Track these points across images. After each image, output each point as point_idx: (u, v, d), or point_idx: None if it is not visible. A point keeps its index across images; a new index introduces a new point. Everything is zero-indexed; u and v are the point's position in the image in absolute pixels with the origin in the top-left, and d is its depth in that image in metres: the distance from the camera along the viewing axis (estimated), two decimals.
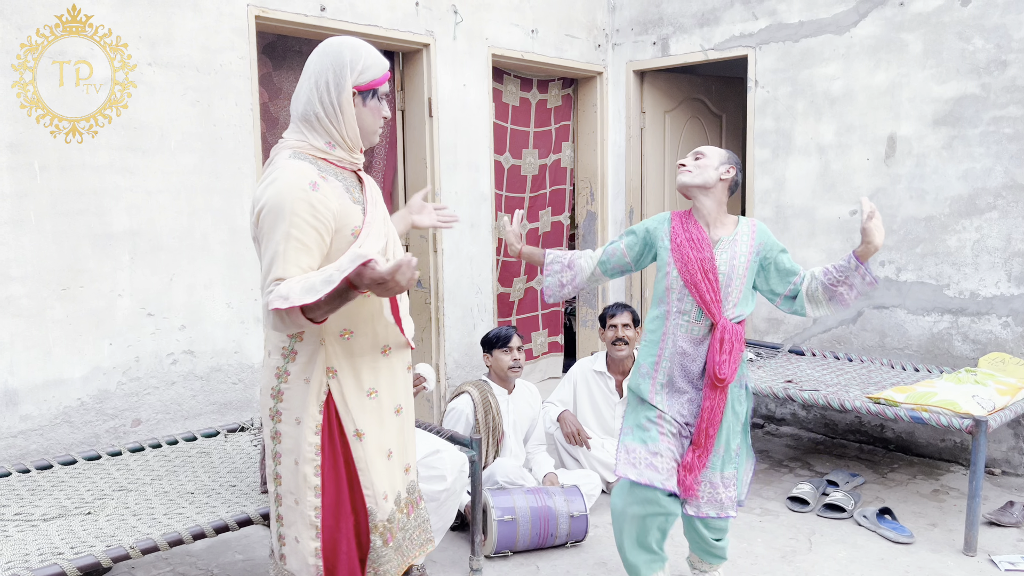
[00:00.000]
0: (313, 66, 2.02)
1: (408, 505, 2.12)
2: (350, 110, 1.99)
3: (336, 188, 1.97)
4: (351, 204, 1.98)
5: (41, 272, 3.15)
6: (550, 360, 5.93)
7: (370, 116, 2.04)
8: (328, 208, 1.91)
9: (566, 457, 4.01)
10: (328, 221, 1.91)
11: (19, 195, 3.08)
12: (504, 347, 3.71)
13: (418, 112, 4.57)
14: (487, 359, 3.77)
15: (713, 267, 2.66)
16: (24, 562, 2.18)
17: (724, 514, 2.80)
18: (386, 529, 2.02)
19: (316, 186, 1.91)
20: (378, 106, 2.06)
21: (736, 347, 2.66)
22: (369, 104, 2.03)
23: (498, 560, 3.31)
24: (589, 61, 5.44)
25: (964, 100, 4.20)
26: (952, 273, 4.29)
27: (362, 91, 2.00)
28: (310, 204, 1.88)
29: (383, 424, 2.04)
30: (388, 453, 2.05)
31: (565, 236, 5.88)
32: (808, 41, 4.70)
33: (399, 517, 2.08)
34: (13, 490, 2.72)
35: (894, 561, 3.27)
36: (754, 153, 4.98)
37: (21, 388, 3.13)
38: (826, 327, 4.77)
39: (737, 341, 2.66)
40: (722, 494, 2.77)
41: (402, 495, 2.10)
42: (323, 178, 1.95)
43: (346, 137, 2.01)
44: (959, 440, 4.36)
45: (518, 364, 3.73)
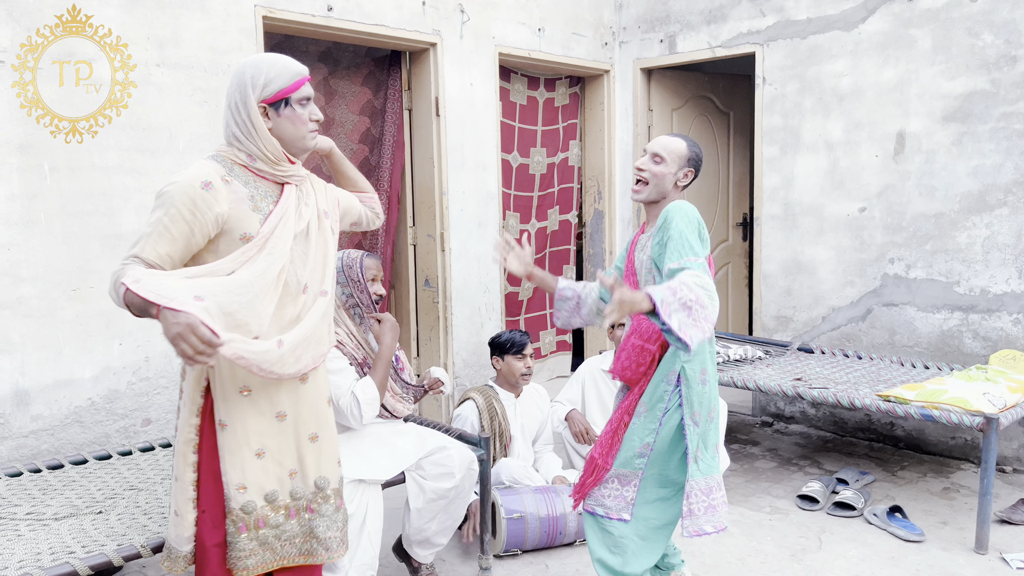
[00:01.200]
0: (227, 90, 2.10)
1: (291, 509, 2.16)
2: (261, 125, 2.05)
3: (237, 193, 2.03)
4: (249, 212, 2.04)
5: (51, 273, 3.17)
6: (558, 359, 5.93)
7: (288, 125, 2.08)
8: (211, 209, 1.98)
9: (575, 456, 4.01)
10: (205, 220, 1.98)
11: (29, 196, 3.10)
12: (518, 354, 3.69)
13: (425, 111, 4.57)
14: (496, 362, 3.76)
15: (632, 267, 2.58)
16: (36, 561, 2.19)
17: (610, 515, 2.53)
18: (240, 519, 2.08)
19: (209, 186, 1.99)
20: (295, 113, 2.08)
21: (639, 349, 2.45)
22: (283, 113, 2.07)
23: (507, 559, 3.31)
24: (596, 59, 5.44)
25: (974, 96, 4.18)
26: (962, 270, 4.27)
27: (271, 103, 2.06)
28: (192, 200, 1.97)
29: (253, 421, 2.09)
30: (258, 452, 2.10)
31: (573, 234, 5.87)
32: (816, 38, 4.68)
33: (269, 515, 2.12)
34: (25, 489, 2.74)
35: (905, 559, 3.26)
36: (762, 150, 4.97)
37: (32, 388, 3.15)
38: (835, 325, 4.75)
39: (643, 341, 2.44)
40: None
41: (279, 496, 2.14)
42: (226, 181, 2.02)
43: (265, 151, 2.06)
44: (970, 438, 4.33)
45: (530, 371, 3.72)
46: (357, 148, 4.59)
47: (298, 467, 2.18)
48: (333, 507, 2.23)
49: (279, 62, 2.09)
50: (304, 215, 2.14)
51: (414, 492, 2.86)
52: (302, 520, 2.18)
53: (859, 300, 4.65)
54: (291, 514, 2.16)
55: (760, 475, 4.20)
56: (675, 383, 2.42)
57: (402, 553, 3.12)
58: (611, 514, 2.51)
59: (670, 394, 2.42)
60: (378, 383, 2.78)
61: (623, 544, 2.51)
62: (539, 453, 3.89)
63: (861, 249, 4.61)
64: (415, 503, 2.86)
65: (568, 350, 6.02)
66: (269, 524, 2.12)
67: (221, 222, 2.01)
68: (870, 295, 4.61)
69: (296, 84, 2.08)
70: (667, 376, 2.42)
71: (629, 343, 2.51)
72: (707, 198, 5.94)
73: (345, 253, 2.93)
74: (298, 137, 2.11)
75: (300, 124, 2.10)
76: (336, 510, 2.24)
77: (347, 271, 2.88)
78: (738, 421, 5.10)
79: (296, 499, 2.17)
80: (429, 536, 2.95)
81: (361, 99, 4.56)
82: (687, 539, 3.36)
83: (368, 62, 4.60)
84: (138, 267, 1.93)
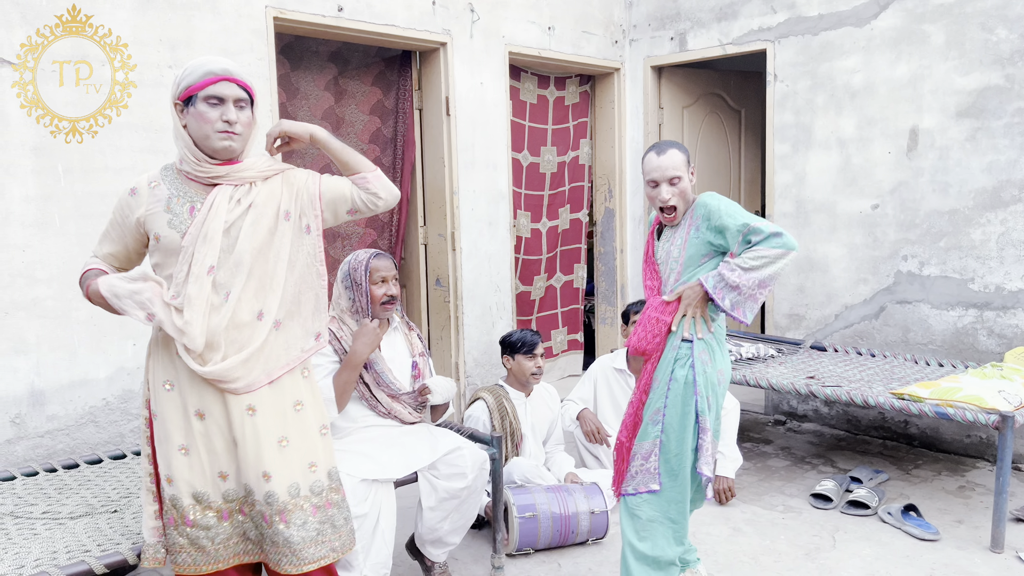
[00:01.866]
0: None
1: (222, 511, 2.12)
2: (177, 124, 2.11)
3: (158, 196, 2.12)
4: (161, 212, 2.10)
5: (66, 274, 3.19)
6: (570, 358, 5.93)
7: (194, 123, 2.07)
8: (133, 213, 2.13)
9: (586, 456, 4.00)
10: (126, 222, 2.15)
11: (43, 198, 3.12)
12: (529, 354, 3.69)
13: (435, 111, 4.58)
14: (507, 361, 3.76)
15: (651, 257, 2.71)
16: (52, 559, 2.21)
17: (639, 489, 2.60)
18: (168, 510, 2.10)
19: (135, 192, 2.14)
20: (200, 111, 2.06)
21: (654, 320, 2.60)
22: (191, 111, 2.08)
23: (520, 558, 3.31)
24: (606, 57, 5.43)
25: (988, 91, 4.14)
26: (977, 267, 4.24)
27: (183, 100, 2.09)
28: (119, 205, 2.17)
29: (173, 415, 2.11)
30: (181, 447, 2.10)
31: (584, 233, 5.87)
32: (828, 34, 4.66)
33: (198, 516, 2.09)
34: (41, 489, 2.76)
35: (919, 558, 3.24)
36: (774, 148, 4.95)
37: (48, 388, 3.17)
38: (848, 322, 4.73)
39: (658, 312, 2.60)
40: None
41: (210, 498, 2.10)
42: (153, 185, 2.13)
43: (186, 150, 2.11)
44: (985, 436, 4.30)
45: (540, 371, 3.72)
46: (367, 148, 4.60)
47: (230, 469, 2.11)
48: (305, 512, 2.12)
49: (199, 60, 2.10)
50: (233, 213, 2.10)
51: (426, 492, 2.86)
52: (236, 523, 2.13)
53: (872, 298, 4.63)
54: (223, 516, 2.11)
55: (773, 473, 4.19)
56: (681, 346, 2.58)
57: (415, 551, 3.13)
58: (640, 488, 2.59)
59: (679, 356, 2.57)
60: (338, 386, 2.78)
61: (651, 528, 2.57)
62: (550, 452, 3.89)
63: (874, 246, 4.59)
64: (427, 502, 2.87)
65: (580, 349, 6.01)
66: (198, 524, 2.09)
67: (141, 225, 2.13)
68: (883, 292, 4.58)
69: (205, 82, 2.06)
70: (673, 344, 2.59)
71: (646, 316, 2.65)
72: None
73: (355, 254, 2.93)
74: (203, 136, 2.07)
75: (204, 123, 2.06)
76: (310, 514, 2.14)
77: (352, 273, 2.88)
78: (751, 420, 5.08)
79: (229, 502, 2.12)
80: (442, 535, 2.95)
81: (371, 99, 4.57)
82: (700, 536, 3.37)
83: (378, 62, 4.61)
84: (92, 266, 2.18)
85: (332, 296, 2.96)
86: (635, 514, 2.60)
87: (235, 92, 2.09)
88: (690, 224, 2.59)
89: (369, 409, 2.91)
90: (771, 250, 2.43)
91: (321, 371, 2.77)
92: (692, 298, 2.54)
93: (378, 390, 2.90)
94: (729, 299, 2.46)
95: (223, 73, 2.07)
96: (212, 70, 2.07)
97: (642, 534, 2.58)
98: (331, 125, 4.44)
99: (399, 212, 4.66)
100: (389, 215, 4.65)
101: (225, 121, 2.06)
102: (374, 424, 2.92)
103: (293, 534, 2.09)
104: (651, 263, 2.72)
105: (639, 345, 2.63)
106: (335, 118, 4.46)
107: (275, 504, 2.08)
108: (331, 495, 2.20)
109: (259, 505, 2.10)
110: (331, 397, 2.76)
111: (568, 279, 5.84)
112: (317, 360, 2.75)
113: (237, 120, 2.08)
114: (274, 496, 2.08)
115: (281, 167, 2.23)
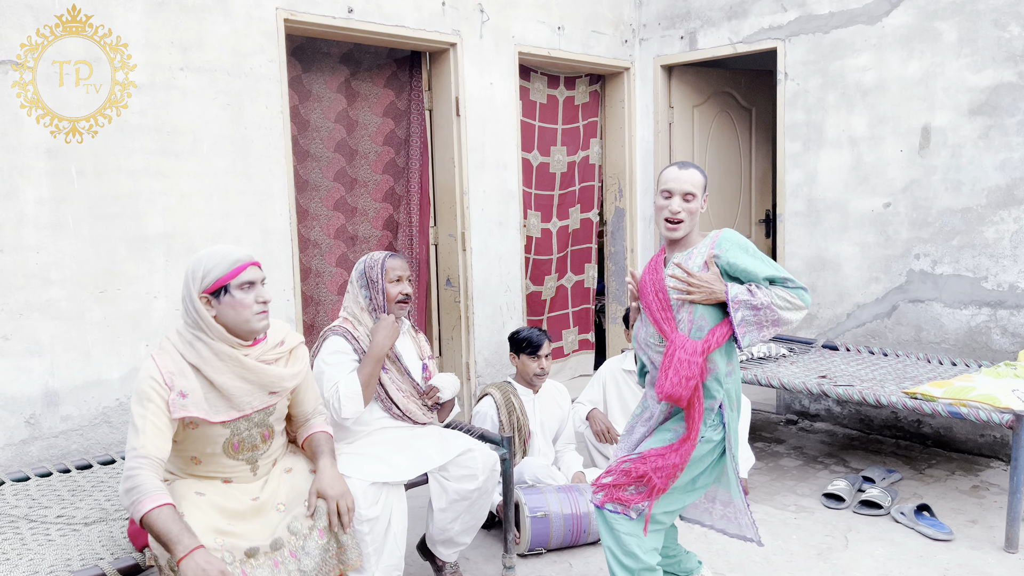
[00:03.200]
0: None
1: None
2: (207, 315, 2.24)
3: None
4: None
5: (79, 275, 3.21)
6: (580, 358, 5.92)
7: (231, 312, 2.25)
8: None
9: (597, 456, 4.00)
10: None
11: (57, 200, 3.15)
12: (533, 354, 3.67)
13: (446, 111, 4.58)
14: (513, 359, 3.75)
15: (662, 286, 2.56)
16: (67, 566, 2.23)
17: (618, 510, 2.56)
18: None
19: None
20: (237, 299, 2.25)
21: (686, 362, 2.45)
22: (224, 300, 2.24)
23: (531, 558, 3.32)
24: (616, 57, 5.42)
25: (1001, 88, 4.12)
26: (990, 265, 4.21)
27: (211, 292, 2.24)
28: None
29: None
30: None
31: (594, 233, 5.86)
32: (839, 32, 4.64)
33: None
34: (55, 491, 2.78)
35: (933, 558, 3.22)
36: (784, 146, 4.93)
37: (62, 389, 3.19)
38: (860, 321, 4.71)
39: (689, 355, 2.45)
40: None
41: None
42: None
43: (216, 338, 2.27)
44: (999, 435, 4.28)
45: (544, 372, 3.68)
46: (382, 150, 4.60)
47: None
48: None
49: (218, 253, 2.27)
50: None
51: (437, 493, 2.87)
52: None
53: (884, 296, 4.61)
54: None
55: (785, 473, 4.17)
56: (717, 409, 2.55)
57: (426, 552, 3.13)
58: (620, 510, 2.54)
59: (712, 418, 2.54)
60: (363, 379, 2.82)
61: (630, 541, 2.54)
62: (560, 451, 3.89)
63: (886, 245, 4.57)
64: (438, 503, 2.87)
65: (590, 349, 6.01)
66: None
67: None
68: (895, 291, 4.56)
69: (235, 271, 2.25)
70: (709, 405, 2.54)
71: (675, 359, 2.47)
72: (729, 195, 5.91)
73: (370, 255, 3.01)
74: (243, 321, 2.27)
75: (242, 309, 2.25)
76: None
77: (368, 272, 2.96)
78: (762, 419, 5.06)
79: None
80: (452, 536, 2.96)
81: (384, 101, 4.58)
82: (712, 536, 3.36)
83: (390, 63, 4.62)
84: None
85: (345, 297, 3.02)
86: (613, 527, 2.55)
87: (261, 273, 2.32)
88: (710, 253, 2.54)
89: (384, 411, 2.94)
90: (798, 299, 2.47)
91: (344, 368, 2.83)
92: (707, 287, 2.46)
93: (395, 391, 2.93)
94: (742, 314, 2.45)
95: (248, 260, 2.28)
96: (239, 259, 2.27)
97: (624, 547, 2.53)
98: (345, 128, 4.44)
99: (420, 214, 4.64)
100: (407, 215, 4.65)
101: (262, 303, 2.29)
102: (388, 426, 2.94)
103: None
104: (660, 294, 2.58)
105: (674, 392, 2.46)
106: (348, 121, 4.46)
107: None
108: None
109: None
110: (357, 391, 2.80)
111: (579, 279, 5.84)
112: (339, 359, 2.83)
113: (270, 298, 2.34)
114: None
115: (292, 344, 2.51)
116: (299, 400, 2.56)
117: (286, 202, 3.81)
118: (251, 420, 2.36)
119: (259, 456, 2.43)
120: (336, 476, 2.44)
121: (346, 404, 2.78)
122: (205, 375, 2.26)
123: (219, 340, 2.26)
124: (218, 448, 2.33)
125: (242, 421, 2.34)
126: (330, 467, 2.45)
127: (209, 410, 2.26)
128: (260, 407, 2.36)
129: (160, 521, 2.02)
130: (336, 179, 4.45)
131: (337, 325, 2.93)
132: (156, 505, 2.03)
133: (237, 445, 2.36)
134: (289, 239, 3.84)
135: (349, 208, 4.52)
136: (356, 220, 4.57)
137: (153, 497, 2.04)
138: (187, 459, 2.36)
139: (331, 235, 4.45)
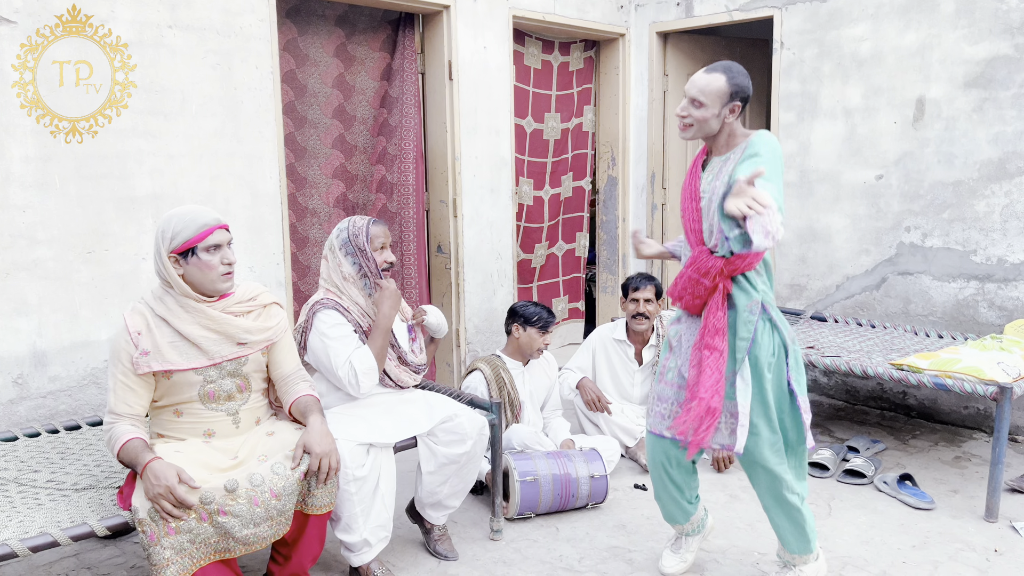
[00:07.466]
0: None
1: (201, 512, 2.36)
2: (174, 273, 2.36)
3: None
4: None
5: (66, 235, 3.19)
6: (570, 326, 5.94)
7: (197, 272, 2.37)
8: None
9: (586, 423, 4.03)
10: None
11: (43, 159, 3.11)
12: (543, 330, 3.72)
13: (438, 75, 4.53)
14: (517, 330, 3.75)
15: (695, 192, 2.50)
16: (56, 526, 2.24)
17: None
18: None
19: None
20: (204, 260, 2.36)
21: (695, 281, 2.46)
22: (191, 261, 2.36)
23: (519, 522, 3.35)
24: (611, 22, 5.36)
25: (996, 61, 4.10)
26: (980, 239, 4.22)
27: (179, 253, 2.35)
28: None
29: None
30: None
31: (586, 201, 5.84)
32: (836, 1, 4.59)
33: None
34: (43, 452, 2.78)
35: (914, 527, 3.27)
36: (779, 116, 4.91)
37: (50, 349, 3.18)
38: (849, 293, 4.73)
39: (700, 275, 2.45)
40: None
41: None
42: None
43: (184, 295, 2.39)
44: (983, 407, 4.32)
45: (546, 348, 3.80)
46: (378, 113, 4.53)
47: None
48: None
49: (189, 213, 2.37)
50: None
51: (426, 456, 2.88)
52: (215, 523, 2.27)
53: (874, 269, 4.62)
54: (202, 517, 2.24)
55: None
56: (759, 311, 2.49)
57: (415, 515, 3.16)
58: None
59: (755, 324, 2.47)
60: (376, 352, 2.81)
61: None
62: (548, 418, 3.92)
63: (877, 217, 4.57)
64: (427, 467, 2.89)
65: (580, 317, 6.02)
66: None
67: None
68: (885, 264, 4.58)
69: (203, 233, 2.35)
70: (748, 306, 2.47)
71: (686, 273, 2.53)
72: None
73: (351, 221, 2.91)
74: (208, 281, 2.39)
75: (208, 270, 2.37)
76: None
77: (353, 239, 2.86)
78: None
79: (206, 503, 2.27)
80: (441, 499, 2.98)
81: (381, 64, 4.49)
82: None
83: (385, 26, 4.53)
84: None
85: (323, 267, 2.94)
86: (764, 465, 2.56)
87: (227, 236, 2.42)
88: (739, 158, 2.43)
89: None
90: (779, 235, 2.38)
91: (349, 342, 2.79)
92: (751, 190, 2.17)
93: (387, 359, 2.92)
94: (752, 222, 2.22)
95: (215, 223, 2.38)
96: (206, 223, 2.36)
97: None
98: (342, 93, 4.36)
99: (415, 173, 4.51)
100: (402, 176, 4.51)
101: (227, 264, 2.40)
102: (375, 392, 2.94)
103: None
104: (694, 200, 2.51)
105: (681, 299, 2.54)
106: (346, 86, 4.38)
107: None
108: None
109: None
110: (373, 365, 2.79)
111: (570, 247, 5.83)
112: (341, 331, 2.78)
113: (235, 260, 2.44)
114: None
115: (264, 301, 2.59)
116: (277, 361, 2.61)
117: (276, 164, 3.77)
118: (223, 368, 2.46)
119: (239, 407, 2.51)
120: (325, 433, 2.48)
121: (364, 380, 2.76)
122: (173, 326, 2.38)
123: (184, 295, 2.38)
124: (194, 395, 2.43)
125: (212, 369, 2.43)
126: (320, 424, 2.50)
127: (179, 359, 2.37)
128: (230, 356, 2.45)
129: (130, 450, 2.26)
130: (335, 146, 4.38)
131: (325, 299, 2.84)
132: (127, 439, 2.28)
133: (212, 394, 2.45)
134: (279, 202, 3.80)
135: (349, 176, 4.45)
136: (356, 188, 4.50)
137: (125, 435, 2.29)
138: (170, 414, 2.46)
139: (330, 203, 4.37)
